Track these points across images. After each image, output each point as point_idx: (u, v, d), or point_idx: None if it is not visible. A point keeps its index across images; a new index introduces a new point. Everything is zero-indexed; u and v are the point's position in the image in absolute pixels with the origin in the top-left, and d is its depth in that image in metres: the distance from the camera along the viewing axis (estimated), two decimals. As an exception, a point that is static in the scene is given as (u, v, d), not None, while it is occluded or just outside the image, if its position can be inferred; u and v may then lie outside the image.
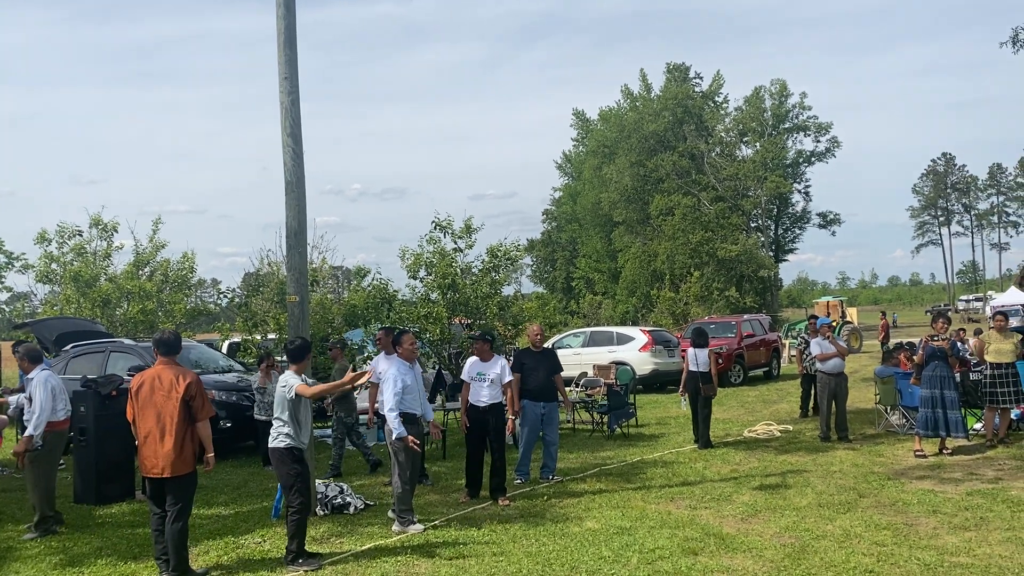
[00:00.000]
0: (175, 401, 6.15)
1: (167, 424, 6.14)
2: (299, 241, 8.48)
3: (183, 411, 6.17)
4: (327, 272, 20.08)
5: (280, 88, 8.36)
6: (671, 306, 38.60)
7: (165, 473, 6.12)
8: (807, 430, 12.71)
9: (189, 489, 6.28)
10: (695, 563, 6.15)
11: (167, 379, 6.22)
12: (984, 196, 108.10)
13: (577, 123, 63.54)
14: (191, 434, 6.22)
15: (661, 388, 20.24)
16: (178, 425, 6.14)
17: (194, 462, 6.26)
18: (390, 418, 7.55)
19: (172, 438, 6.12)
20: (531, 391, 9.26)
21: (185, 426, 6.18)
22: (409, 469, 7.63)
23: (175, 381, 6.20)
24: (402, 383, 7.60)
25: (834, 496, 8.19)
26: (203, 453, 6.36)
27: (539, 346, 9.72)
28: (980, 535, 6.65)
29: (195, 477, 6.34)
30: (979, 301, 72.76)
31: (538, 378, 9.33)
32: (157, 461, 6.13)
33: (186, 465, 6.18)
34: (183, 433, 6.16)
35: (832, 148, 55.24)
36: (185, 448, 6.17)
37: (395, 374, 7.65)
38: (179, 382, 6.20)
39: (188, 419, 6.20)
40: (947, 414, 10.11)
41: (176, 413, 6.14)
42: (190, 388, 6.19)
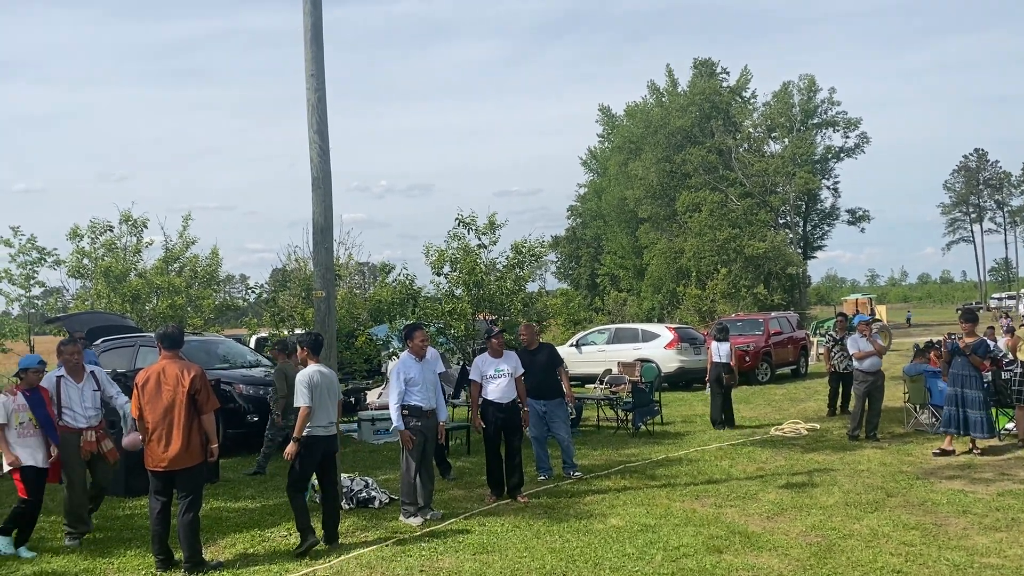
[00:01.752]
0: (181, 395, 6.21)
1: (174, 418, 6.21)
2: (325, 237, 8.53)
3: (189, 405, 6.23)
4: (353, 268, 20.17)
5: (307, 85, 8.41)
6: (697, 303, 38.35)
7: (173, 466, 6.19)
8: (834, 429, 12.58)
9: (198, 480, 6.36)
10: (720, 561, 6.12)
11: (172, 373, 6.28)
12: (1017, 192, 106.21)
13: (603, 119, 63.32)
14: (197, 427, 6.29)
15: (687, 386, 20.13)
16: (185, 419, 6.21)
17: (201, 454, 6.33)
18: (392, 410, 7.72)
19: (180, 432, 6.19)
20: (529, 390, 9.22)
21: (191, 419, 6.25)
22: (416, 462, 7.67)
23: (180, 375, 6.26)
24: (405, 376, 7.71)
25: (861, 495, 8.11)
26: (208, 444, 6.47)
27: (531, 344, 9.67)
28: (1011, 536, 6.55)
29: (203, 469, 6.42)
30: (1012, 299, 71.60)
31: (534, 376, 9.27)
32: (165, 455, 6.20)
33: (193, 457, 6.26)
34: (190, 426, 6.23)
35: (861, 144, 54.72)
36: (192, 441, 6.24)
37: (399, 368, 7.81)
38: (184, 376, 6.25)
39: (194, 412, 6.27)
40: (967, 413, 9.98)
41: (183, 407, 6.21)
42: (195, 381, 6.26)
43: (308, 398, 6.75)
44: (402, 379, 7.71)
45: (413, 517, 7.57)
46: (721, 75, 54.94)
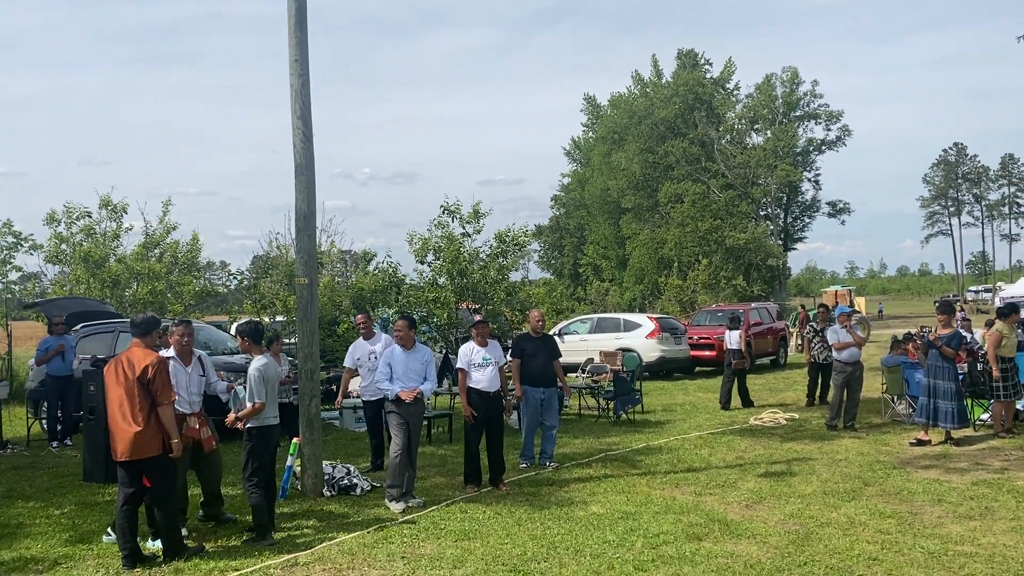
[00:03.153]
0: (132, 382, 6.04)
1: (127, 406, 6.05)
2: (308, 224, 8.50)
3: (142, 393, 6.03)
4: (335, 256, 20.12)
5: (290, 70, 8.36)
6: (678, 294, 38.48)
7: (131, 456, 6.04)
8: (813, 418, 12.72)
9: (162, 472, 6.14)
10: (699, 548, 6.18)
11: (132, 361, 6.13)
12: (995, 187, 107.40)
13: (588, 108, 63.27)
14: (156, 416, 6.07)
15: (668, 375, 20.27)
16: (137, 407, 6.02)
17: (160, 445, 6.09)
18: (383, 385, 7.89)
19: (133, 420, 6.02)
20: (531, 376, 9.30)
21: (146, 408, 6.04)
22: (406, 446, 7.70)
23: (137, 362, 6.09)
24: (389, 361, 7.89)
25: (839, 484, 8.21)
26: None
27: (539, 332, 9.74)
28: (985, 524, 6.66)
29: (165, 460, 6.15)
30: (988, 292, 72.44)
31: (538, 363, 9.36)
32: (119, 444, 6.05)
33: (151, 448, 6.04)
34: (144, 415, 6.02)
35: (843, 137, 54.92)
36: (147, 430, 6.02)
37: (388, 359, 7.97)
38: (138, 363, 6.07)
39: (148, 401, 6.05)
40: (938, 403, 10.13)
41: (135, 394, 6.03)
42: (147, 370, 6.03)
43: (263, 394, 6.63)
44: (388, 367, 7.85)
45: (395, 501, 7.59)
46: (705, 66, 54.99)
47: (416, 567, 5.94)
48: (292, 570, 5.98)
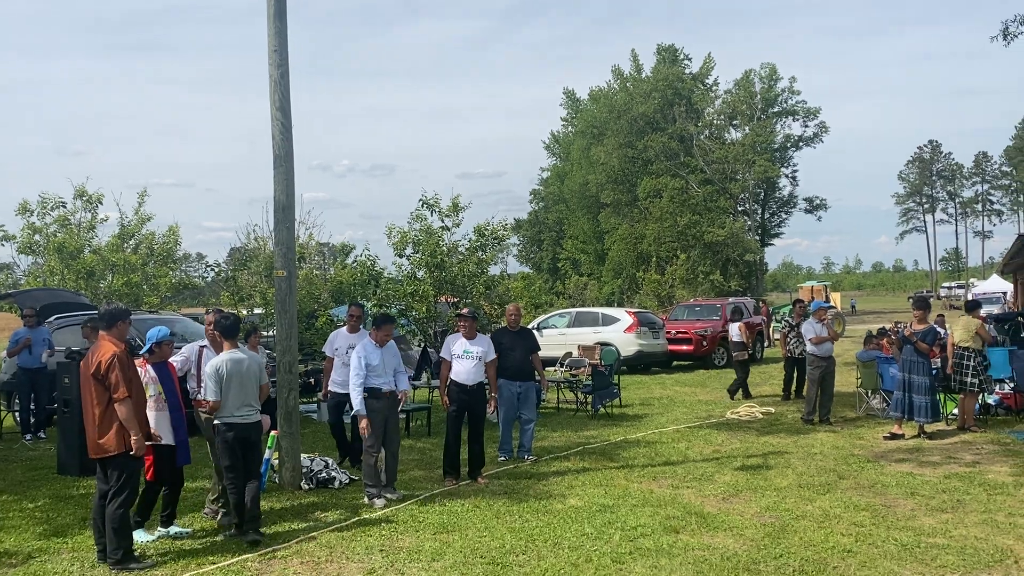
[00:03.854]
0: (88, 377, 5.92)
1: (87, 401, 5.95)
2: (287, 216, 8.46)
3: (98, 388, 5.87)
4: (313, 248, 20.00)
5: (269, 61, 8.29)
6: (656, 288, 38.71)
7: (90, 454, 5.93)
8: (789, 412, 12.84)
9: (121, 470, 5.91)
10: (676, 541, 6.23)
11: (92, 354, 6.00)
12: (969, 184, 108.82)
13: (567, 103, 63.32)
14: (111, 413, 5.86)
15: (645, 369, 20.36)
16: (94, 403, 5.88)
17: (121, 443, 5.87)
18: (353, 394, 7.67)
19: (90, 416, 5.90)
20: (508, 370, 9.29)
21: (102, 404, 5.87)
22: (377, 445, 7.69)
23: (92, 357, 5.95)
24: (366, 361, 7.70)
25: (814, 477, 8.30)
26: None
27: (516, 326, 9.74)
28: (957, 517, 6.76)
29: (127, 459, 5.92)
30: (961, 288, 73.43)
31: (515, 357, 9.35)
32: (89, 439, 5.95)
33: (110, 446, 5.85)
34: (101, 412, 5.87)
35: (820, 133, 55.46)
36: (104, 427, 5.86)
37: (360, 352, 7.76)
38: (93, 358, 5.92)
39: (106, 397, 5.86)
40: (913, 398, 10.27)
41: (90, 390, 5.91)
42: (100, 365, 5.85)
43: (216, 392, 6.48)
44: (363, 363, 7.69)
45: (377, 499, 7.58)
46: (684, 62, 55.23)
47: (395, 560, 5.94)
48: (270, 563, 5.96)
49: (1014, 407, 11.75)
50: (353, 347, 9.07)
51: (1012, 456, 9.09)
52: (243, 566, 5.90)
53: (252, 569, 5.84)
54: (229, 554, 6.14)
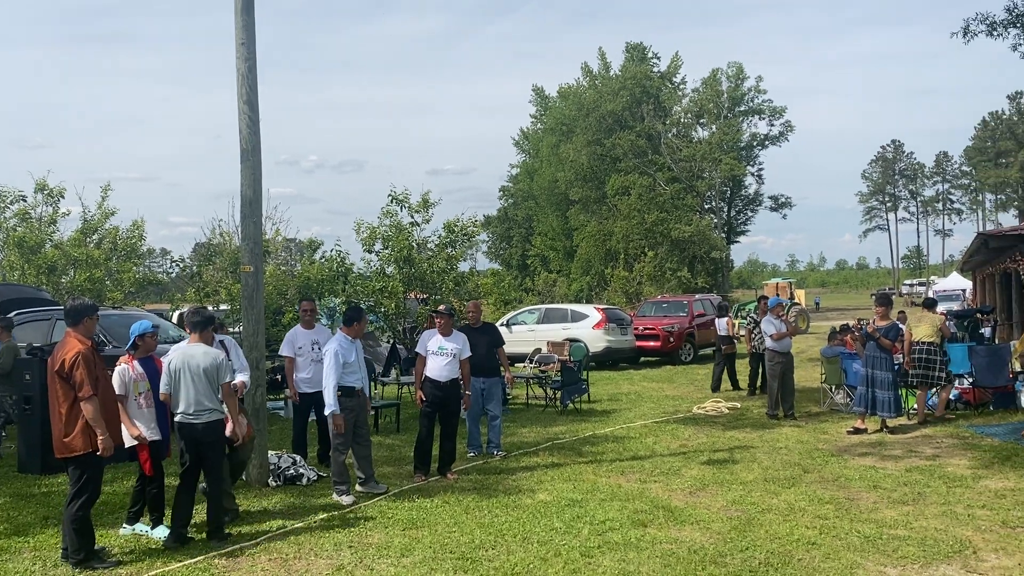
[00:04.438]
0: (53, 375, 5.79)
1: (53, 399, 5.82)
2: (254, 210, 8.38)
3: (63, 387, 5.75)
4: (280, 244, 19.83)
5: (237, 54, 8.21)
6: (624, 285, 38.91)
7: (56, 453, 5.81)
8: (754, 407, 12.99)
9: (84, 470, 5.80)
10: (644, 534, 6.28)
11: (56, 352, 5.87)
12: (930, 183, 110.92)
13: (537, 100, 63.40)
14: (76, 412, 5.72)
15: (614, 365, 20.49)
16: (59, 401, 5.77)
17: (87, 443, 5.73)
18: (328, 393, 7.60)
19: (56, 414, 5.78)
20: (471, 366, 9.26)
21: (67, 403, 5.73)
22: (347, 443, 7.67)
23: (56, 355, 5.83)
24: (344, 359, 7.65)
25: (779, 471, 8.41)
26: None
27: (477, 322, 9.72)
28: (917, 509, 6.90)
29: (93, 459, 5.79)
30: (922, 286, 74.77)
31: (478, 354, 9.30)
32: (54, 438, 5.84)
33: (76, 445, 5.74)
34: (65, 410, 5.74)
35: (785, 132, 56.17)
36: (68, 427, 5.72)
37: (337, 350, 7.69)
38: (58, 356, 5.80)
39: (71, 395, 5.72)
40: (876, 393, 10.45)
41: (54, 389, 5.79)
42: (64, 363, 5.71)
43: (166, 384, 6.36)
44: (340, 361, 7.62)
45: (345, 495, 7.55)
46: (652, 60, 55.57)
47: (363, 556, 5.93)
48: (238, 561, 5.91)
49: (973, 402, 12.00)
50: (316, 343, 9.01)
51: (971, 450, 9.29)
52: (210, 563, 5.84)
53: (219, 567, 5.79)
54: (196, 552, 6.09)
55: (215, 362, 6.38)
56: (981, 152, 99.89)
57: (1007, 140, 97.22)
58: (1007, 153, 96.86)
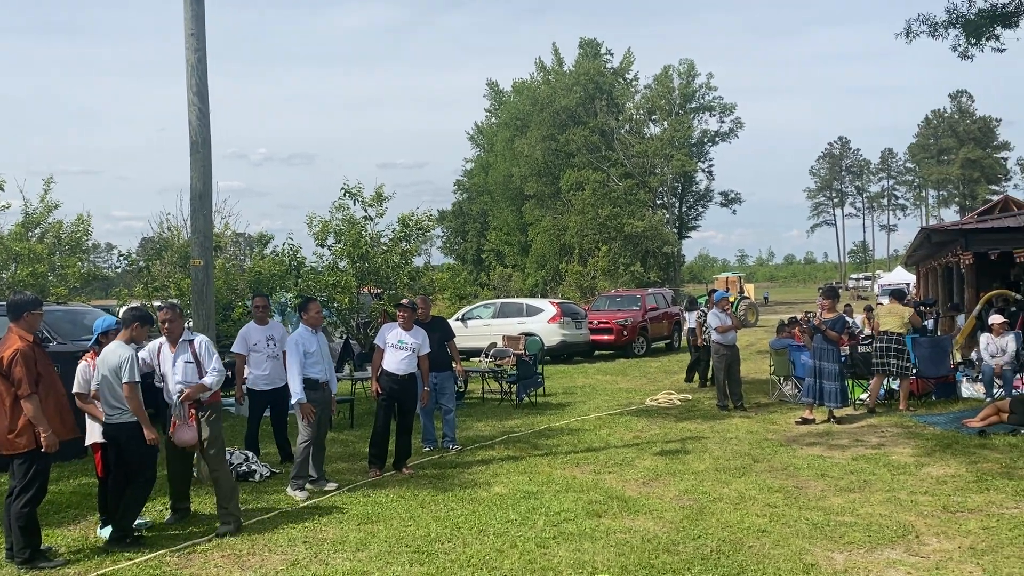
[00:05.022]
0: None
1: None
2: (204, 204, 8.28)
3: (3, 384, 5.62)
4: (229, 238, 19.54)
5: (186, 45, 8.08)
6: (579, 279, 39.17)
7: (3, 449, 5.68)
8: (705, 399, 13.19)
9: (30, 467, 5.69)
10: (599, 524, 6.35)
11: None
12: (876, 179, 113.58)
13: (491, 94, 63.32)
14: (20, 408, 5.62)
15: (569, 359, 20.61)
16: (3, 398, 5.63)
17: (30, 441, 5.64)
18: (293, 382, 7.56)
19: (1, 411, 5.65)
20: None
21: (10, 399, 5.63)
22: (314, 435, 7.62)
23: None
24: (305, 348, 7.61)
25: (730, 461, 8.57)
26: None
27: (426, 317, 9.69)
28: (863, 496, 7.08)
29: (38, 456, 5.69)
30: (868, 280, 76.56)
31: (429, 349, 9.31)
32: None
33: (20, 443, 5.63)
34: (10, 406, 5.62)
35: (735, 129, 56.89)
36: (11, 424, 5.61)
37: (298, 340, 7.66)
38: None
39: (13, 393, 5.63)
40: (823, 384, 10.70)
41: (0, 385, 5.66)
42: (3, 361, 5.59)
43: (96, 382, 6.23)
44: (302, 350, 7.59)
45: (300, 491, 7.49)
46: (605, 56, 55.88)
47: (318, 551, 5.89)
48: (190, 558, 5.83)
49: (916, 392, 12.34)
50: (272, 339, 8.90)
51: (914, 438, 9.56)
52: (161, 561, 5.76)
53: (171, 564, 5.71)
54: (147, 550, 5.99)
55: (118, 360, 6.11)
56: (924, 149, 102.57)
57: (949, 138, 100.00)
58: (949, 151, 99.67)
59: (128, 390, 6.05)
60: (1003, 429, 9.62)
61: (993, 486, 7.25)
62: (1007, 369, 11.71)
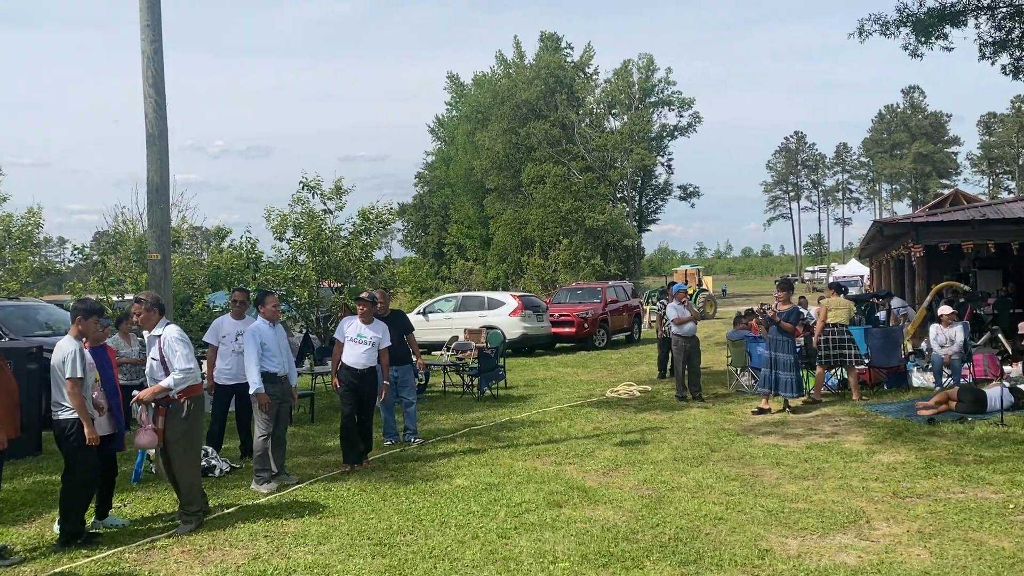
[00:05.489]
0: None
1: None
2: (161, 197, 8.18)
3: None
4: (187, 232, 19.30)
5: (142, 36, 7.97)
6: (540, 273, 39.34)
7: None
8: (664, 390, 13.37)
9: None
10: (559, 515, 6.43)
11: None
12: (831, 173, 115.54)
13: (451, 87, 63.14)
14: None
15: (530, 351, 20.71)
16: None
17: None
18: (251, 373, 7.54)
19: None
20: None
21: None
22: (272, 428, 7.60)
23: None
24: (261, 340, 7.61)
25: (688, 451, 8.71)
26: None
27: (385, 311, 9.69)
28: (817, 484, 7.26)
29: None
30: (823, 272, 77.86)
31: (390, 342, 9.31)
32: None
33: None
34: None
35: (694, 123, 57.48)
36: None
37: (255, 332, 7.66)
38: None
39: None
40: (779, 374, 10.92)
41: None
42: None
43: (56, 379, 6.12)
44: (259, 342, 7.58)
45: (265, 484, 7.47)
46: (566, 50, 56.04)
47: (280, 545, 5.89)
48: (149, 554, 5.79)
49: (868, 382, 12.63)
50: (242, 334, 8.84)
51: (866, 427, 9.80)
52: (119, 558, 5.71)
53: (129, 561, 5.67)
54: (104, 546, 5.93)
55: (62, 356, 5.99)
56: (878, 144, 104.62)
57: (901, 132, 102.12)
58: (901, 145, 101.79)
59: (70, 386, 5.91)
60: (951, 417, 9.91)
61: (941, 472, 7.47)
62: (955, 359, 12.05)
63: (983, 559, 5.22)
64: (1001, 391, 10.12)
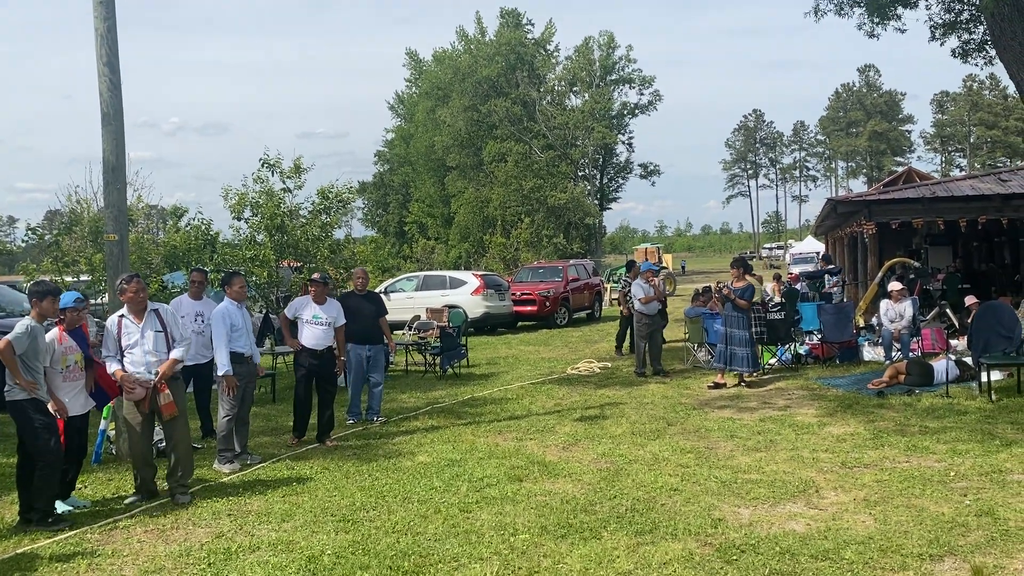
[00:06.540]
0: None
1: None
2: (117, 176, 8.09)
3: None
4: (142, 211, 19.02)
5: (95, 13, 7.83)
6: (502, 251, 39.39)
7: None
8: (624, 367, 13.58)
9: None
10: (520, 488, 6.58)
11: None
12: (788, 151, 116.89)
13: (411, 63, 62.60)
14: None
15: (492, 330, 20.82)
16: None
17: None
18: (219, 355, 7.59)
19: None
20: (356, 334, 9.34)
21: None
22: (236, 409, 7.64)
23: None
24: (231, 322, 7.65)
25: (646, 425, 8.91)
26: None
27: (363, 289, 9.80)
28: (769, 455, 7.49)
29: None
30: (780, 249, 79.06)
31: (363, 322, 9.43)
32: None
33: None
34: None
35: (654, 101, 57.73)
36: None
37: (223, 314, 7.68)
38: None
39: None
40: (733, 350, 11.17)
41: None
42: None
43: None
44: (228, 323, 7.63)
45: (228, 464, 7.50)
46: (527, 26, 55.81)
47: (243, 523, 5.95)
48: (112, 534, 5.81)
49: (821, 356, 12.96)
50: (201, 314, 8.83)
51: (818, 400, 10.09)
52: (82, 539, 5.73)
53: (92, 541, 5.68)
54: (67, 527, 5.94)
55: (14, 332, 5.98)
56: (834, 122, 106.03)
57: (857, 111, 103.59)
58: (857, 123, 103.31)
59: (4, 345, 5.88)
60: (899, 390, 10.24)
61: (887, 442, 7.75)
62: (904, 333, 12.40)
63: (924, 524, 5.46)
64: (947, 364, 10.47)
